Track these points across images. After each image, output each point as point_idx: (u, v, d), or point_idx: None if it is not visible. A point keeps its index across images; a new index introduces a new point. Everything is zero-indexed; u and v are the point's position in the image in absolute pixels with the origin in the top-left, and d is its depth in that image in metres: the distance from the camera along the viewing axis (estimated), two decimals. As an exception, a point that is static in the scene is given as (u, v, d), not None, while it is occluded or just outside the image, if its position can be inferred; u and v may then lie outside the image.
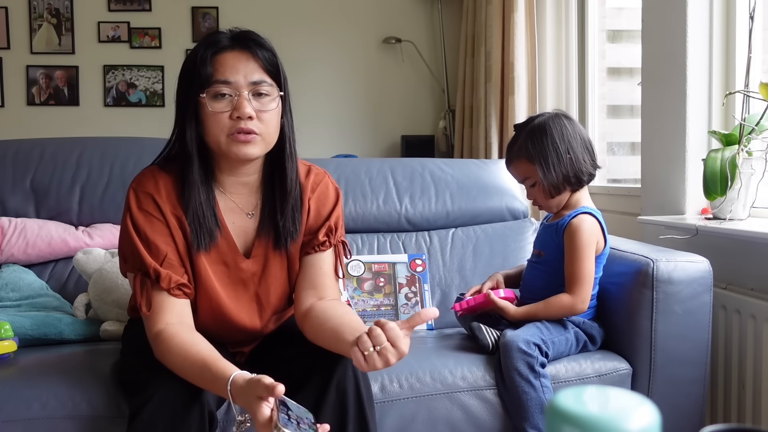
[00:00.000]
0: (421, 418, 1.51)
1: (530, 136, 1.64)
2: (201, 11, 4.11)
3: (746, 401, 1.70)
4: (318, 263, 1.40)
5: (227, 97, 1.26)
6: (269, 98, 1.30)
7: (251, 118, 1.26)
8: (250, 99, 1.27)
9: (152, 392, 1.20)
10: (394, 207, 2.20)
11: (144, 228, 1.29)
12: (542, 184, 1.64)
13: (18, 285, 1.89)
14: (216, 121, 1.26)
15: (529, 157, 1.64)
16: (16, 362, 1.54)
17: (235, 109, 1.26)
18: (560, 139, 1.62)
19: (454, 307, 1.71)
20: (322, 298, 1.38)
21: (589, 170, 1.65)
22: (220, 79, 1.26)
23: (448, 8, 4.15)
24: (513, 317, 1.63)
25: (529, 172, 1.66)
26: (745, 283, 1.78)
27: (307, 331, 1.35)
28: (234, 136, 1.26)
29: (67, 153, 2.10)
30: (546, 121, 1.65)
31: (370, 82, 4.21)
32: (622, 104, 3.06)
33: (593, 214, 1.65)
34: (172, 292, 1.28)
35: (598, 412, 0.51)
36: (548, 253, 1.69)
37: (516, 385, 1.50)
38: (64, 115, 4.08)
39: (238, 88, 1.26)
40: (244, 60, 1.28)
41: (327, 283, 1.40)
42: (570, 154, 1.62)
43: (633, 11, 2.74)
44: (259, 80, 1.28)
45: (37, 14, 4.04)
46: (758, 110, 1.77)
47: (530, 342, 1.53)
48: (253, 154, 1.29)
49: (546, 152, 1.62)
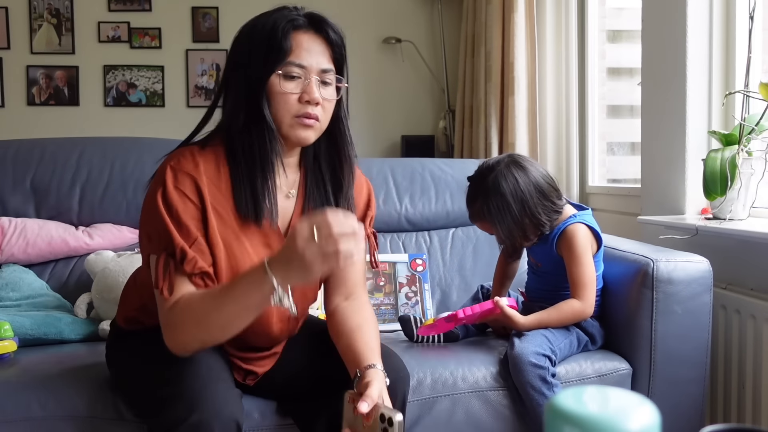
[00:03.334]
0: (422, 420, 1.50)
1: (485, 200, 1.63)
2: (201, 11, 4.10)
3: (746, 401, 1.70)
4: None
5: (296, 79, 1.24)
6: (332, 87, 1.29)
7: (318, 104, 1.24)
8: (318, 85, 1.25)
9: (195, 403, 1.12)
10: (394, 207, 2.20)
11: (177, 207, 1.19)
12: (504, 241, 1.67)
13: (18, 285, 1.89)
14: (285, 101, 1.23)
15: (489, 220, 1.64)
16: (16, 362, 1.54)
17: (305, 92, 1.24)
18: (513, 198, 1.60)
19: (456, 314, 1.63)
20: (350, 295, 1.38)
21: (549, 216, 1.63)
22: (295, 62, 1.23)
23: (448, 8, 4.15)
24: (522, 327, 1.60)
25: (492, 230, 1.68)
26: (745, 283, 1.78)
27: (330, 332, 1.35)
28: (299, 119, 1.24)
29: (67, 153, 2.10)
30: (497, 178, 1.61)
31: (370, 82, 4.20)
32: (622, 104, 3.06)
33: (584, 222, 1.65)
34: (194, 279, 1.19)
35: (598, 412, 0.51)
36: (545, 264, 1.70)
37: (531, 399, 1.50)
38: (64, 115, 4.08)
39: (308, 73, 1.24)
40: (318, 44, 1.27)
41: (356, 280, 1.39)
42: (526, 210, 1.61)
43: (633, 11, 2.74)
44: (327, 69, 1.27)
45: (37, 14, 4.04)
46: (758, 110, 1.77)
47: (540, 354, 1.51)
48: (311, 139, 1.27)
49: (503, 214, 1.61)
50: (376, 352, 1.25)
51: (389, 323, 1.97)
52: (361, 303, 1.37)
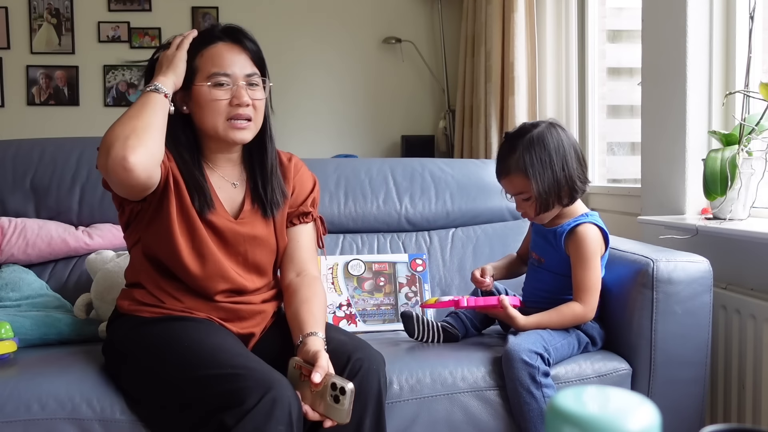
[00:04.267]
0: (421, 419, 1.50)
1: (528, 149, 1.58)
2: (201, 11, 4.11)
3: (746, 401, 1.70)
4: (298, 237, 1.58)
5: (225, 86, 1.41)
6: (259, 88, 1.46)
7: (248, 106, 1.42)
8: (245, 88, 1.42)
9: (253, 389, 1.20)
10: (394, 207, 2.20)
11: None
12: (536, 200, 1.60)
13: (18, 285, 1.89)
14: (216, 108, 1.41)
15: (526, 171, 1.58)
16: (16, 362, 1.54)
17: (234, 96, 1.41)
18: (556, 153, 1.58)
19: (460, 301, 1.63)
20: (301, 272, 1.55)
21: (582, 187, 1.62)
22: (219, 72, 1.41)
23: (448, 8, 4.15)
24: (523, 327, 1.59)
25: (524, 186, 1.60)
26: (745, 283, 1.78)
27: (284, 305, 1.52)
28: (231, 122, 1.42)
29: (67, 153, 2.10)
30: (543, 132, 1.60)
31: (370, 82, 4.20)
32: (622, 104, 3.06)
33: (596, 223, 1.63)
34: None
35: (598, 412, 0.51)
36: (549, 259, 1.68)
37: (517, 395, 1.49)
38: (64, 115, 4.08)
39: (235, 80, 1.41)
40: (237, 53, 1.44)
41: (306, 257, 1.57)
42: (565, 171, 1.58)
43: (633, 11, 2.74)
44: (251, 73, 1.45)
45: (37, 14, 4.04)
46: (758, 110, 1.77)
47: (533, 352, 1.50)
48: (247, 138, 1.45)
49: (543, 168, 1.57)
50: (320, 322, 1.41)
51: (389, 323, 1.97)
52: (311, 279, 1.54)
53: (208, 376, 1.24)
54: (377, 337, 1.77)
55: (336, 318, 1.96)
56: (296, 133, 4.01)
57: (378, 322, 1.97)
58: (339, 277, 2.02)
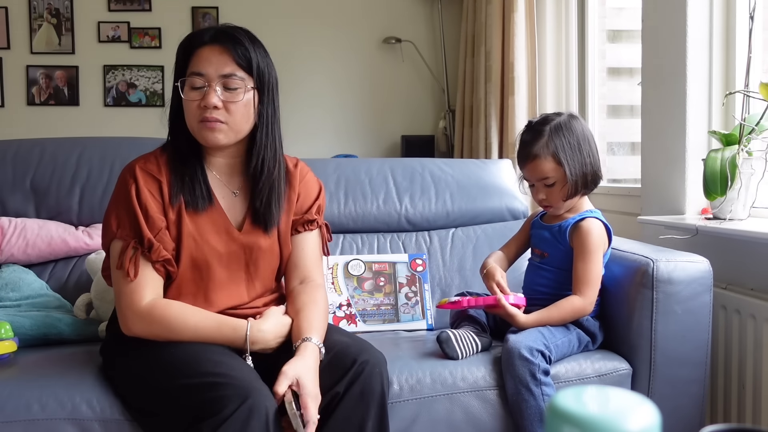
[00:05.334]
0: (422, 419, 1.50)
1: (556, 133, 1.61)
2: (201, 11, 4.11)
3: (746, 401, 1.70)
4: (303, 244, 1.55)
5: (199, 88, 1.40)
6: (239, 90, 1.40)
7: (216, 108, 1.39)
8: (218, 90, 1.39)
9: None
10: (394, 207, 2.20)
11: (146, 202, 1.39)
12: (567, 184, 1.60)
13: (18, 285, 1.89)
14: (188, 109, 1.41)
15: (556, 155, 1.59)
16: (16, 362, 1.54)
17: (202, 99, 1.39)
18: (583, 140, 1.62)
19: (461, 302, 1.62)
20: (305, 279, 1.53)
21: (601, 177, 1.66)
22: (194, 71, 1.40)
23: (448, 8, 4.15)
24: (523, 326, 1.59)
25: (551, 171, 1.61)
26: (745, 283, 1.78)
27: (287, 310, 1.50)
28: (202, 124, 1.40)
29: (67, 153, 2.10)
30: (568, 119, 1.64)
31: (370, 82, 4.20)
32: (622, 104, 3.06)
33: (601, 219, 1.64)
34: (156, 266, 1.38)
35: (598, 412, 0.51)
36: (552, 254, 1.68)
37: (515, 392, 1.49)
38: (64, 115, 4.08)
39: (209, 80, 1.39)
40: (218, 54, 1.40)
41: (310, 265, 1.55)
42: (590, 158, 1.62)
43: (633, 11, 2.74)
44: (229, 73, 1.40)
45: (37, 14, 4.04)
46: (758, 110, 1.77)
47: (533, 349, 1.50)
48: (220, 140, 1.41)
49: (573, 152, 1.60)
50: (317, 329, 1.40)
51: (389, 323, 1.97)
52: (314, 286, 1.52)
53: (189, 385, 1.26)
54: (377, 337, 1.77)
55: (336, 318, 1.96)
56: (296, 133, 4.01)
57: (378, 322, 1.97)
58: (339, 277, 2.02)
